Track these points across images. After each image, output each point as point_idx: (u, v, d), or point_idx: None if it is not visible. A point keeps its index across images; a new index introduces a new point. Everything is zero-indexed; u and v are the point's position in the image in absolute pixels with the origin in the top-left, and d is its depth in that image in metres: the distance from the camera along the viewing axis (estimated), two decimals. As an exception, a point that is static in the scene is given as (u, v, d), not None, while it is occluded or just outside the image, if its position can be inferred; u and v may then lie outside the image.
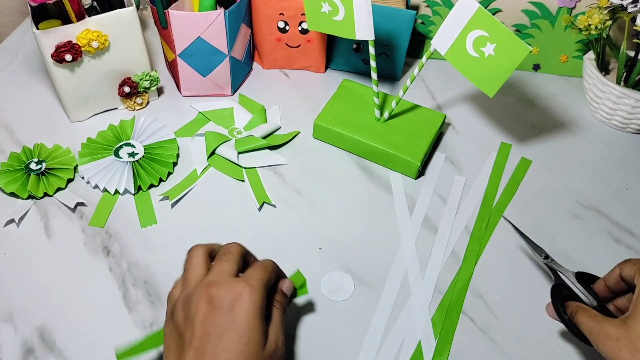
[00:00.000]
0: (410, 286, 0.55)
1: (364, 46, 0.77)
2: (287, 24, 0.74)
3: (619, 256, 0.59)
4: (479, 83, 0.57)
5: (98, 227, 0.59)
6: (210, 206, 0.62)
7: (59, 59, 0.61)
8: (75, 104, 0.68)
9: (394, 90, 0.78)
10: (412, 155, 0.64)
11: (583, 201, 0.65)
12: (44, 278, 0.55)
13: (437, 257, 0.58)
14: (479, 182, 0.66)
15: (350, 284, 0.55)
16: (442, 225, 0.61)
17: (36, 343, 0.50)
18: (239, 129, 0.70)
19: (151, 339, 0.46)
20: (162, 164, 0.64)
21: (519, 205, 0.64)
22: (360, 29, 0.61)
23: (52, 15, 0.61)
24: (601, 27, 0.67)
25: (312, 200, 0.63)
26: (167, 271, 0.56)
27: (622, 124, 0.73)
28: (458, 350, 0.51)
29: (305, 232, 0.60)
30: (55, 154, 0.64)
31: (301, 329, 0.52)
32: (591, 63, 0.73)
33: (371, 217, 0.62)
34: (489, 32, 0.53)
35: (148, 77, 0.69)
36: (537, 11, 0.76)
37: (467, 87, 0.78)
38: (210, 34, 0.67)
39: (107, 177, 0.62)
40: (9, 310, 0.52)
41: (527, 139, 0.72)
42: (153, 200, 0.62)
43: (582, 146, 0.72)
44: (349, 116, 0.68)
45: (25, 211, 0.60)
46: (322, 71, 0.80)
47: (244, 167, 0.66)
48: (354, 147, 0.68)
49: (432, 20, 0.79)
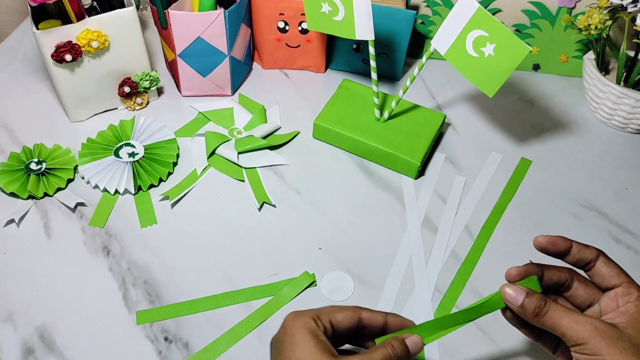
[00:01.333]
0: (410, 286, 0.55)
1: (364, 46, 0.77)
2: (287, 24, 0.74)
3: (619, 256, 0.59)
4: (479, 83, 0.57)
5: (98, 227, 0.59)
6: (210, 206, 0.62)
7: (59, 59, 0.61)
8: (75, 104, 0.68)
9: (394, 90, 0.78)
10: (412, 155, 0.64)
11: (583, 201, 0.65)
12: (44, 278, 0.55)
13: (437, 257, 0.58)
14: (479, 182, 0.66)
15: (350, 283, 0.55)
16: (442, 225, 0.61)
17: (36, 343, 0.50)
18: (239, 129, 0.70)
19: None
20: (162, 164, 0.64)
21: (519, 205, 0.64)
22: (360, 29, 0.61)
23: (52, 15, 0.61)
24: (601, 27, 0.67)
25: (312, 200, 0.63)
26: (167, 271, 0.56)
27: (622, 124, 0.73)
28: (458, 350, 0.51)
29: (305, 232, 0.60)
30: (55, 154, 0.64)
31: (301, 329, 0.52)
32: (591, 63, 0.73)
33: (371, 217, 0.62)
34: (488, 32, 0.53)
35: (148, 77, 0.69)
36: (537, 11, 0.76)
37: (467, 87, 0.78)
38: (210, 34, 0.67)
39: (107, 177, 0.62)
40: (9, 310, 0.52)
41: (527, 139, 0.72)
42: (153, 200, 0.62)
43: (582, 146, 0.72)
44: (349, 116, 0.68)
45: (26, 211, 0.60)
46: (322, 71, 0.80)
47: (244, 167, 0.66)
48: (354, 147, 0.68)
49: (432, 20, 0.79)
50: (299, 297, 0.54)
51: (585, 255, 0.42)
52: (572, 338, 0.39)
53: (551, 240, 0.42)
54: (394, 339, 0.40)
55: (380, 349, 0.39)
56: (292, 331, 0.39)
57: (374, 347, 0.39)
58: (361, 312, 0.41)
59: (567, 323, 0.39)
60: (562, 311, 0.40)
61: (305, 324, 0.39)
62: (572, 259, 0.43)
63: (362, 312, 0.41)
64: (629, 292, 0.40)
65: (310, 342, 0.38)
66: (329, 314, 0.40)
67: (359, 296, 0.55)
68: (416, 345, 0.40)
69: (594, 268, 0.42)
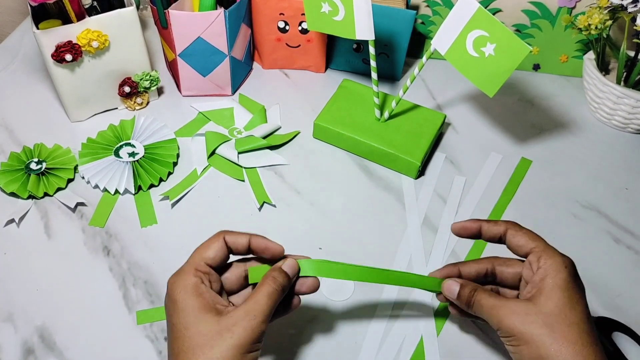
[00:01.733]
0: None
1: (364, 46, 0.77)
2: (287, 24, 0.74)
3: (619, 256, 0.60)
4: (479, 83, 0.57)
5: (98, 227, 0.59)
6: (210, 206, 0.62)
7: (59, 59, 0.61)
8: (75, 104, 0.68)
9: (394, 90, 0.78)
10: (412, 155, 0.64)
11: (583, 201, 0.65)
12: (44, 278, 0.55)
13: (437, 257, 0.58)
14: (479, 182, 0.66)
15: (350, 283, 0.55)
16: (442, 225, 0.61)
17: (36, 343, 0.50)
18: (239, 129, 0.70)
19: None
20: (162, 164, 0.64)
21: (519, 205, 0.64)
22: (360, 29, 0.61)
23: (52, 15, 0.61)
24: (601, 27, 0.67)
25: (312, 200, 0.63)
26: (167, 271, 0.56)
27: (622, 124, 0.73)
28: (458, 350, 0.51)
29: (305, 232, 0.60)
30: (56, 154, 0.64)
31: (301, 329, 0.52)
32: (591, 63, 0.73)
33: (371, 217, 0.62)
34: (489, 32, 0.53)
35: (148, 77, 0.69)
36: (537, 11, 0.76)
37: (467, 87, 0.78)
38: (210, 34, 0.67)
39: (107, 177, 0.62)
40: (9, 310, 0.52)
41: (527, 139, 0.72)
42: (153, 200, 0.62)
43: (582, 146, 0.72)
44: (349, 116, 0.68)
45: (26, 211, 0.60)
46: (322, 71, 0.80)
47: (244, 167, 0.66)
48: (354, 147, 0.68)
49: (432, 20, 0.79)
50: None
51: (494, 231, 0.44)
52: (492, 323, 0.41)
53: (462, 226, 0.45)
54: (271, 271, 0.41)
55: (263, 287, 0.39)
56: (174, 296, 0.39)
57: (255, 289, 0.40)
58: (225, 235, 0.42)
59: (487, 309, 0.41)
60: (484, 298, 0.41)
61: (185, 284, 0.39)
62: (485, 237, 0.45)
63: (226, 236, 0.42)
64: (537, 257, 0.41)
65: (194, 305, 0.38)
66: (201, 257, 0.40)
67: (359, 296, 0.55)
68: (293, 268, 0.42)
69: (507, 241, 0.44)
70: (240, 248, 0.42)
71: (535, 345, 0.38)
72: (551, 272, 0.40)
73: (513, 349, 0.39)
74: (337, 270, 0.43)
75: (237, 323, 0.37)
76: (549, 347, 0.37)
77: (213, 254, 0.41)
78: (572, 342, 0.37)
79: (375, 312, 0.53)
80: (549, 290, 0.39)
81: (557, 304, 0.38)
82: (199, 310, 0.38)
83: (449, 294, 0.44)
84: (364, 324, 0.53)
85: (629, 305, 0.55)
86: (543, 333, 0.38)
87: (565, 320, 0.38)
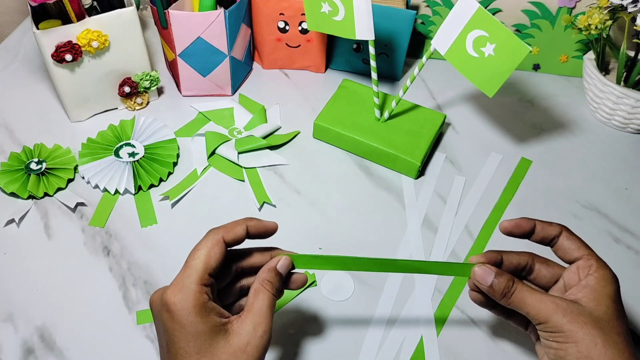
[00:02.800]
0: (410, 286, 0.55)
1: (364, 46, 0.77)
2: (287, 24, 0.74)
3: (619, 256, 0.60)
4: (479, 83, 0.57)
5: (98, 227, 0.59)
6: (210, 206, 0.62)
7: (59, 59, 0.61)
8: (75, 104, 0.68)
9: (394, 90, 0.78)
10: (412, 155, 0.64)
11: (583, 201, 0.65)
12: (44, 278, 0.55)
13: (437, 257, 0.58)
14: (479, 182, 0.66)
15: (350, 283, 0.55)
16: (442, 225, 0.61)
17: (36, 343, 0.50)
18: (239, 129, 0.70)
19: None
20: (162, 164, 0.64)
21: (519, 205, 0.64)
22: (360, 29, 0.61)
23: (52, 15, 0.61)
24: (601, 27, 0.67)
25: (312, 200, 0.63)
26: (167, 271, 0.56)
27: (622, 124, 0.73)
28: (458, 349, 0.51)
29: (305, 232, 0.60)
30: (56, 154, 0.64)
31: (301, 329, 0.52)
32: (591, 63, 0.73)
33: (371, 217, 0.62)
34: (488, 32, 0.53)
35: (148, 77, 0.69)
36: (537, 11, 0.76)
37: (467, 87, 0.78)
38: (210, 34, 0.67)
39: (107, 177, 0.62)
40: (9, 310, 0.52)
41: (527, 139, 0.72)
42: (153, 200, 0.62)
43: (582, 146, 0.72)
44: (349, 116, 0.68)
45: (26, 211, 0.60)
46: (322, 71, 0.80)
47: (244, 167, 0.66)
48: (354, 147, 0.68)
49: (432, 20, 0.79)
50: (298, 297, 0.54)
51: (549, 232, 0.43)
52: (536, 317, 0.40)
53: (516, 224, 0.44)
54: (264, 274, 0.40)
55: (264, 297, 0.39)
56: (181, 319, 0.36)
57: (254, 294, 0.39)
58: (222, 235, 0.40)
59: (531, 302, 0.40)
60: (526, 291, 0.41)
61: (194, 305, 0.36)
62: (537, 237, 0.44)
63: (224, 236, 0.40)
64: (588, 265, 0.41)
65: (205, 329, 0.36)
66: (206, 268, 0.38)
67: (359, 296, 0.55)
68: (286, 267, 0.41)
69: (557, 243, 0.43)
70: (240, 239, 0.41)
71: (585, 345, 0.38)
72: (602, 281, 0.40)
73: (557, 345, 0.39)
74: (329, 262, 0.42)
75: (249, 342, 0.37)
76: (601, 349, 0.38)
77: (216, 263, 0.38)
78: (622, 350, 0.38)
79: (375, 312, 0.53)
80: (600, 298, 0.40)
81: (607, 312, 0.39)
82: (210, 333, 0.36)
83: (481, 281, 0.42)
84: (364, 324, 0.53)
85: (629, 305, 0.55)
86: (596, 335, 0.38)
87: (614, 329, 0.38)
